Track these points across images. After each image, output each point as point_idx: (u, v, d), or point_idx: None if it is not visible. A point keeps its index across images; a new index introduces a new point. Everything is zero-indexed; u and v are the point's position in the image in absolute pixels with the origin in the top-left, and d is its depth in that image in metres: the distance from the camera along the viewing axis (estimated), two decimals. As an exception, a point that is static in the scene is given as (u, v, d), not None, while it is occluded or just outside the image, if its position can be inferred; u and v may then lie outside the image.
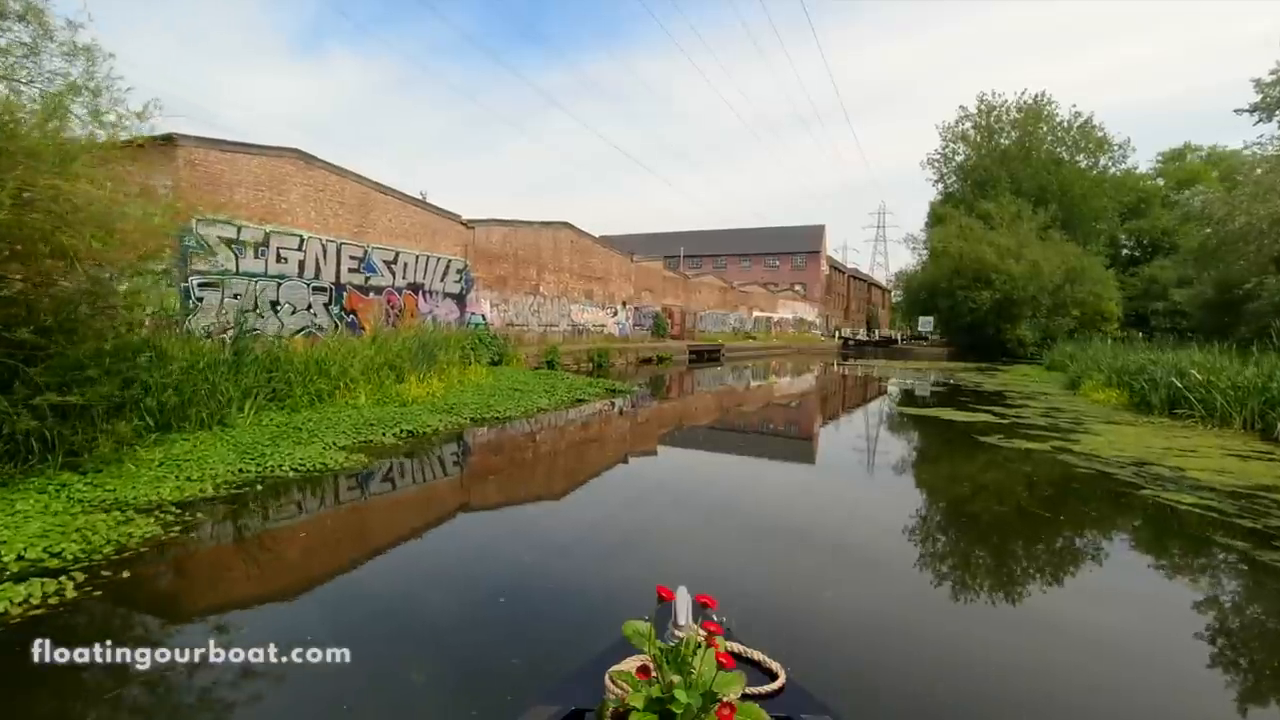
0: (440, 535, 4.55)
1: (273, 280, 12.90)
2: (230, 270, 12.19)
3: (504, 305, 19.48)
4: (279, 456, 5.56)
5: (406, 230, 16.10)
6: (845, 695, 2.51)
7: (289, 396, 7.50)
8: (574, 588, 3.60)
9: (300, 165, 13.38)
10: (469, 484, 5.89)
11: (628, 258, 26.64)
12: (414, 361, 10.60)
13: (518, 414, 9.20)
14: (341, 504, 4.99)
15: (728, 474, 6.97)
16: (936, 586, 3.80)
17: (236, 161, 12.22)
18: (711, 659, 1.32)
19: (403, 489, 5.54)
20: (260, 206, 12.66)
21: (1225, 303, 25.72)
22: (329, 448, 6.14)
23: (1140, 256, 46.32)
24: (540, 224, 20.88)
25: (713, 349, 29.55)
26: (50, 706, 2.34)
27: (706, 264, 52.52)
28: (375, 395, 8.75)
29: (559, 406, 10.42)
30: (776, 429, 11.04)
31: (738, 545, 4.42)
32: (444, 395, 9.63)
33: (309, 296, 13.71)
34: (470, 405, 9.06)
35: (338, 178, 14.21)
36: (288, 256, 13.20)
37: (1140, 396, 11.78)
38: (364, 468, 5.75)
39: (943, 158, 46.98)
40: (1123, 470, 6.70)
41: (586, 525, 4.91)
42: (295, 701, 2.39)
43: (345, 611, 3.15)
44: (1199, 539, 4.73)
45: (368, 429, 7.02)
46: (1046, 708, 2.58)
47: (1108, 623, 3.40)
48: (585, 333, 23.50)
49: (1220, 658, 3.06)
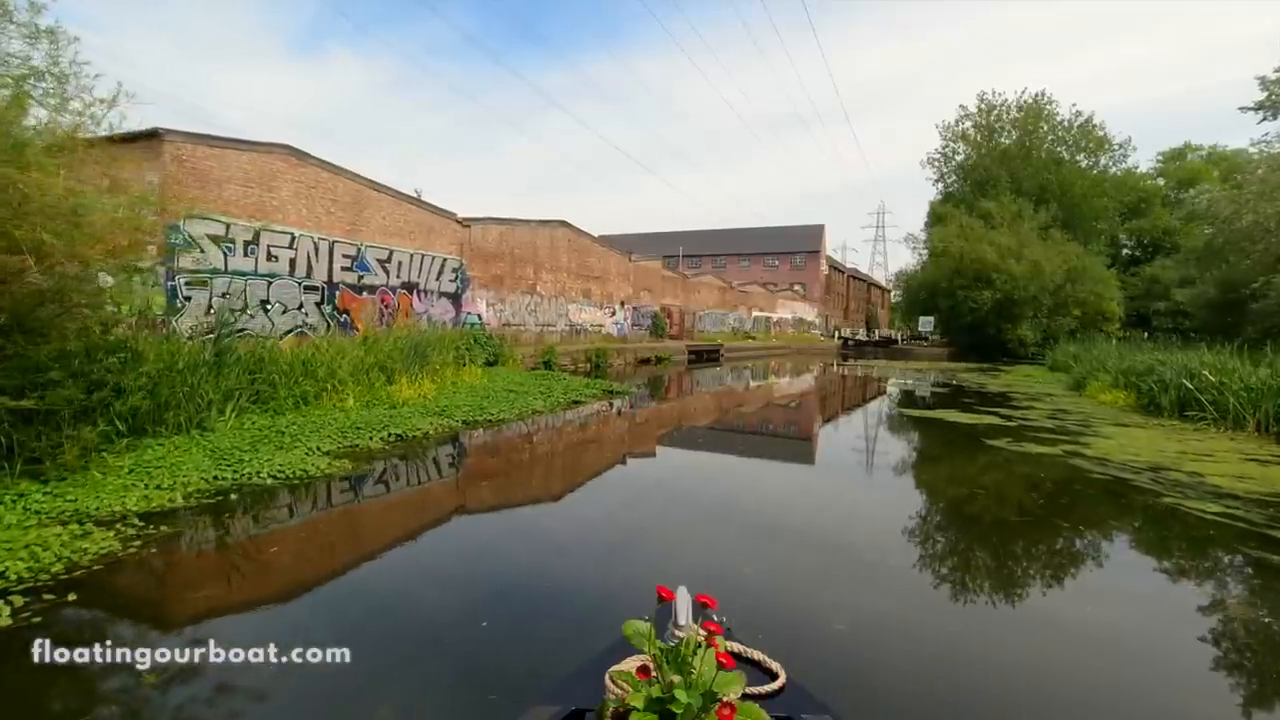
0: (424, 545, 4.28)
1: (263, 279, 12.62)
2: (219, 268, 11.91)
3: (500, 305, 19.21)
4: (257, 463, 5.29)
5: (401, 228, 15.82)
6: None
7: (273, 399, 7.22)
8: (570, 590, 3.47)
9: (291, 162, 13.10)
10: (457, 491, 5.62)
11: (626, 257, 26.36)
12: (405, 363, 10.32)
13: (512, 416, 8.92)
14: (318, 514, 4.71)
15: (728, 477, 6.70)
16: (952, 600, 3.55)
17: (225, 157, 11.93)
18: (711, 659, 1.32)
19: (386, 497, 5.27)
20: (250, 203, 12.38)
21: (1229, 302, 25.50)
22: (312, 453, 5.87)
23: (1141, 256, 46.10)
24: (537, 222, 20.61)
25: (712, 349, 29.29)
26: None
27: (705, 264, 52.27)
28: (364, 397, 8.47)
29: (555, 408, 10.15)
30: (777, 430, 10.78)
31: (737, 546, 4.17)
32: (436, 397, 9.35)
33: (300, 295, 13.43)
34: (463, 408, 8.78)
35: (330, 174, 13.93)
36: (278, 255, 12.92)
37: (1149, 398, 11.53)
38: (347, 474, 5.48)
39: (943, 157, 46.79)
40: (1139, 476, 6.44)
41: (583, 527, 4.66)
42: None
43: (317, 631, 2.88)
44: (1232, 552, 4.46)
45: (354, 433, 6.74)
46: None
47: (1130, 634, 3.15)
48: (583, 333, 23.23)
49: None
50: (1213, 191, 27.58)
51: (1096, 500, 5.78)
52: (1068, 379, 17.21)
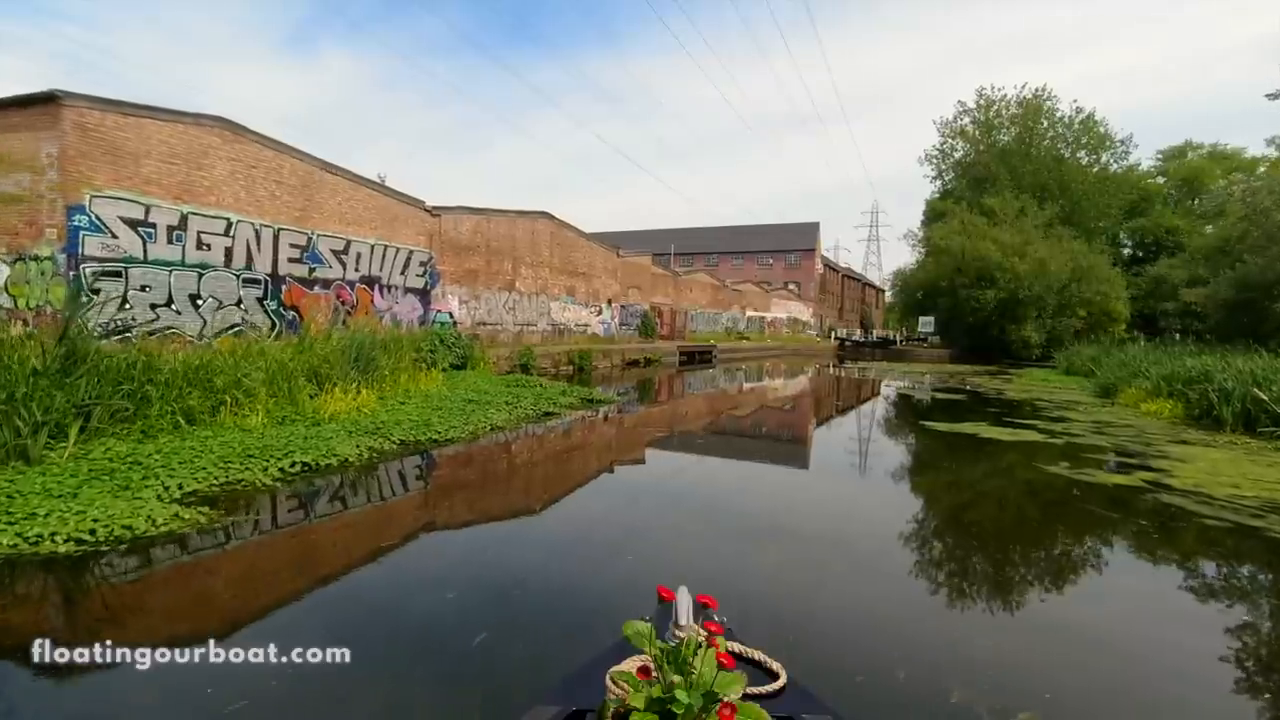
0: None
1: (192, 270, 11.01)
2: (136, 257, 10.29)
3: (475, 302, 17.61)
4: (63, 519, 3.65)
5: (360, 216, 14.21)
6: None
7: (146, 416, 5.61)
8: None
9: (226, 136, 11.47)
10: (347, 560, 4.01)
11: (614, 252, 24.83)
12: (345, 368, 8.73)
13: (464, 434, 7.33)
14: (92, 613, 3.09)
15: (744, 540, 5.14)
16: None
17: (144, 128, 10.30)
18: (712, 659, 1.32)
19: (227, 570, 3.67)
20: (175, 183, 10.76)
21: (1246, 302, 24.37)
22: (164, 497, 4.26)
23: (1142, 256, 45.12)
24: (516, 213, 19.03)
25: (705, 350, 27.80)
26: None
27: (698, 262, 50.66)
28: (280, 412, 6.88)
29: (520, 422, 8.59)
30: (783, 449, 9.32)
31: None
32: (376, 410, 7.77)
33: (239, 290, 11.82)
34: (405, 424, 7.19)
35: (274, 153, 12.30)
36: (211, 242, 11.31)
37: (1200, 409, 10.16)
38: (195, 530, 3.89)
39: (940, 153, 45.50)
40: (1266, 520, 4.96)
41: (547, 598, 3.13)
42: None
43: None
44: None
45: (244, 462, 5.16)
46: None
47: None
48: (566, 333, 21.67)
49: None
50: (1248, 181, 26.28)
51: (1249, 568, 4.31)
52: (1091, 385, 15.85)
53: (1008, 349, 32.59)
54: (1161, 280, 36.36)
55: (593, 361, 18.75)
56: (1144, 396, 11.99)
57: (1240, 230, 24.31)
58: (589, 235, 23.03)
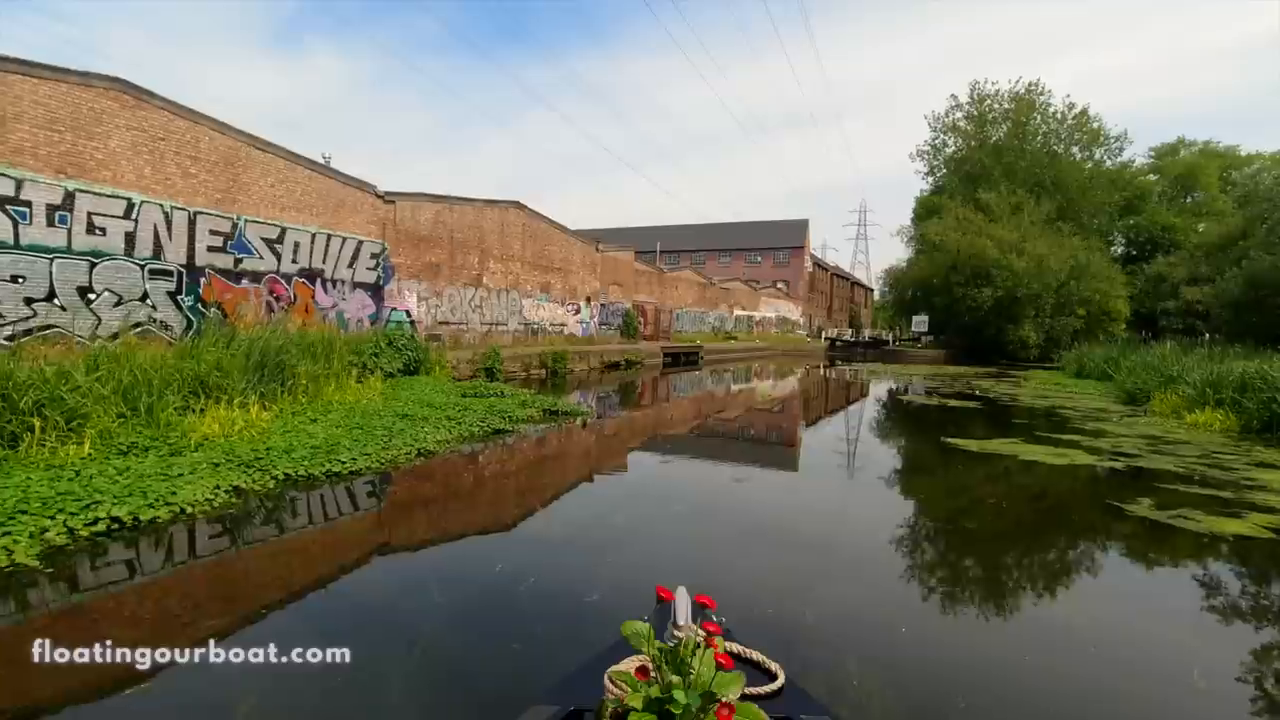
0: None
1: (81, 258, 9.26)
2: (5, 241, 8.53)
3: (436, 299, 15.91)
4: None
5: (298, 200, 12.49)
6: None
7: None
8: None
9: (126, 101, 9.73)
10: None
11: (593, 246, 23.21)
12: (248, 377, 7.06)
13: (377, 464, 5.67)
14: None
15: (750, 585, 3.58)
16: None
17: (12, 86, 8.56)
18: (710, 659, 1.31)
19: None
20: (58, 154, 9.02)
21: (1256, 300, 23.39)
22: None
23: (1137, 254, 44.34)
24: (484, 202, 17.35)
25: (690, 351, 26.26)
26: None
27: (684, 260, 49.10)
28: (131, 436, 5.21)
29: (459, 443, 6.92)
30: (786, 475, 7.79)
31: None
32: (269, 431, 6.11)
33: (144, 283, 10.08)
34: (300, 451, 5.53)
35: (189, 123, 10.56)
36: (107, 226, 9.57)
37: (1260, 420, 8.82)
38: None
39: (932, 149, 44.35)
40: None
41: None
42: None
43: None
44: None
45: (21, 523, 3.53)
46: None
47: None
48: (541, 333, 20.02)
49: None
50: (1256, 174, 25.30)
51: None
52: (1111, 389, 14.53)
53: (1004, 349, 31.46)
54: (1161, 278, 35.47)
55: (568, 364, 17.13)
56: (1182, 405, 10.63)
57: (1250, 221, 23.27)
58: (566, 228, 21.40)
